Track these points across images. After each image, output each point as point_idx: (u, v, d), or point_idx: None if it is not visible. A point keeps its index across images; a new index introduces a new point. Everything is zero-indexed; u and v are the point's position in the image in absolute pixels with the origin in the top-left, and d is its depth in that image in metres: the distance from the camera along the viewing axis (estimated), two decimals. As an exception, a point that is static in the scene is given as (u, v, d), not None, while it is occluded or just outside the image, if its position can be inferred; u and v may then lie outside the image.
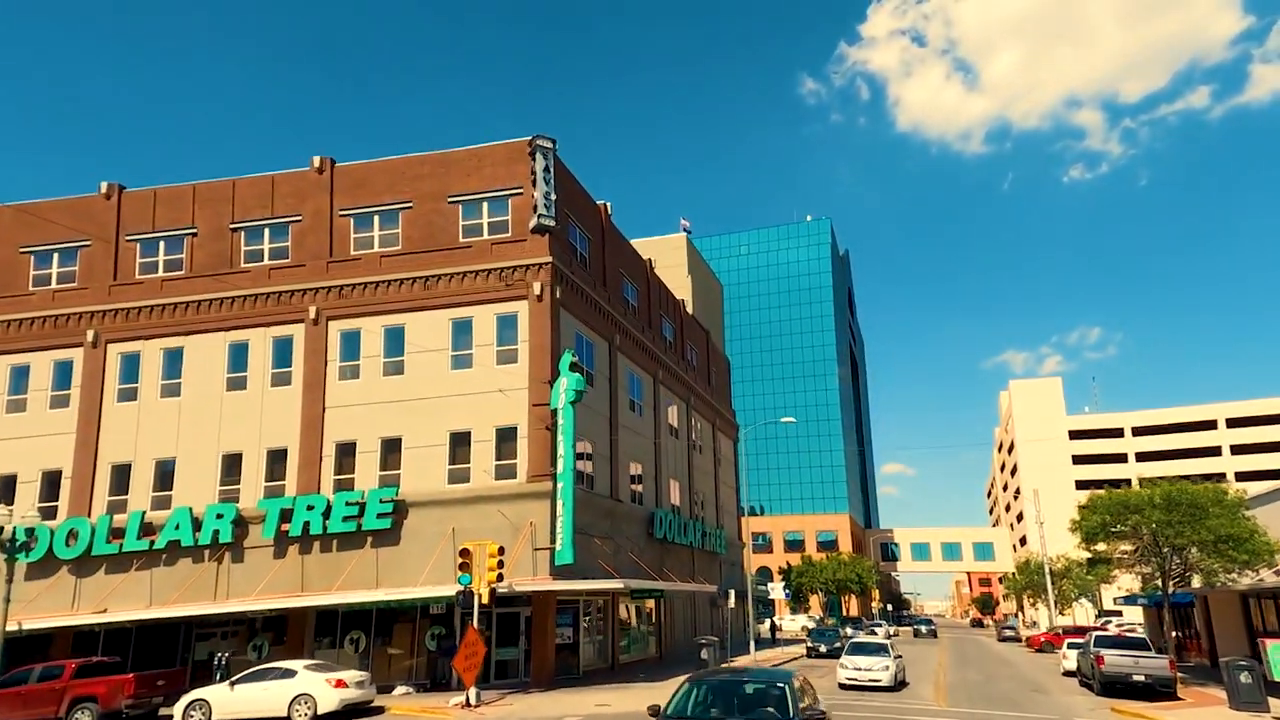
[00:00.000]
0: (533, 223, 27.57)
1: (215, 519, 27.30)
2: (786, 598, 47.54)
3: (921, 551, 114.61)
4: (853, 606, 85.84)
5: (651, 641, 34.95)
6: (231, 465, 28.50)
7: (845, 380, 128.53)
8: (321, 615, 27.29)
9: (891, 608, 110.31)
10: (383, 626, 27.07)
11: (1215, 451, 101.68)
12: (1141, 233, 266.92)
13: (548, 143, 27.84)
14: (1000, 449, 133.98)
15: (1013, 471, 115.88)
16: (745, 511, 41.93)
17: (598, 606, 29.71)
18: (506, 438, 26.99)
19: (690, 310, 48.89)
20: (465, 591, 22.54)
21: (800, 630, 60.42)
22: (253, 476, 28.23)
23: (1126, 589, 51.23)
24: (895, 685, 25.58)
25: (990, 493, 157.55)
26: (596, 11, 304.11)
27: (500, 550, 22.80)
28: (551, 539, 25.32)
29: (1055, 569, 61.90)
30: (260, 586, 26.53)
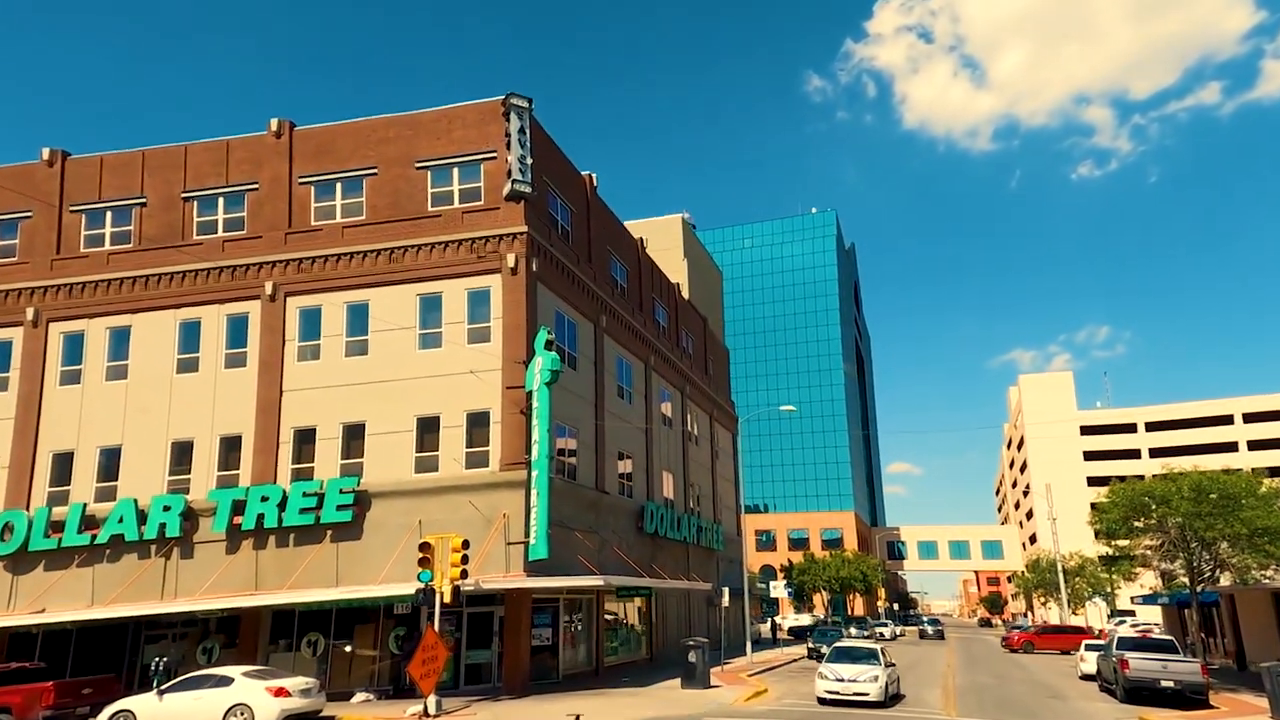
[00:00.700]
0: (506, 189, 25.25)
1: (162, 511, 25.08)
2: (789, 596, 45.18)
3: (929, 550, 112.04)
4: (858, 605, 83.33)
5: (642, 643, 32.62)
6: (182, 453, 26.27)
7: (851, 376, 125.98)
8: (278, 616, 25.04)
9: (898, 607, 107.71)
10: (343, 628, 24.79)
11: (1232, 447, 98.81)
12: (1151, 230, 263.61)
13: (523, 102, 25.51)
14: (1009, 445, 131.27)
15: (1022, 468, 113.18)
16: (743, 504, 39.55)
17: (580, 605, 27.40)
18: (478, 423, 24.70)
19: (686, 295, 46.53)
20: (426, 589, 20.25)
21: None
22: (204, 466, 25.99)
23: (1149, 587, 48.67)
24: (886, 699, 21.35)
25: (999, 490, 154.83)
26: (600, 6, 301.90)
27: (465, 544, 20.49)
28: (526, 532, 23.03)
29: (1068, 567, 59.35)
30: (209, 584, 24.29)
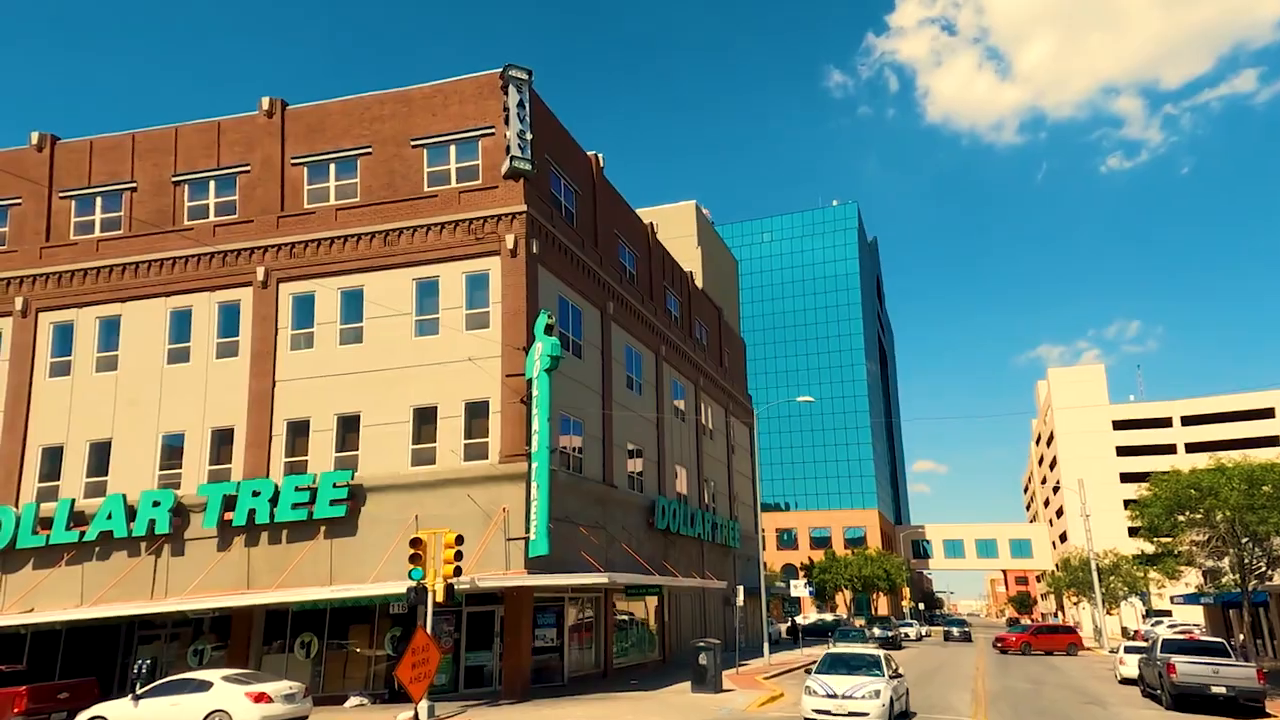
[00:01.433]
0: (505, 166, 23.93)
1: (151, 507, 24.10)
2: (810, 595, 43.58)
3: (955, 549, 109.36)
4: (882, 605, 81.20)
5: (654, 644, 31.19)
6: (172, 447, 25.29)
7: (874, 372, 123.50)
8: (271, 616, 23.96)
9: (923, 607, 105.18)
10: (338, 628, 23.64)
11: (1273, 441, 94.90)
12: (1184, 222, 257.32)
13: (522, 74, 24.16)
14: (1038, 441, 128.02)
15: (1052, 465, 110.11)
16: (759, 498, 37.99)
17: (587, 604, 26.05)
18: (477, 413, 23.43)
19: (700, 284, 44.99)
20: (418, 588, 18.98)
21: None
22: (195, 459, 24.97)
23: (1195, 586, 46.28)
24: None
25: (1027, 488, 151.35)
26: (619, 2, 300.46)
27: (459, 540, 19.19)
28: (526, 528, 21.70)
29: (1102, 565, 56.96)
30: (198, 582, 23.25)
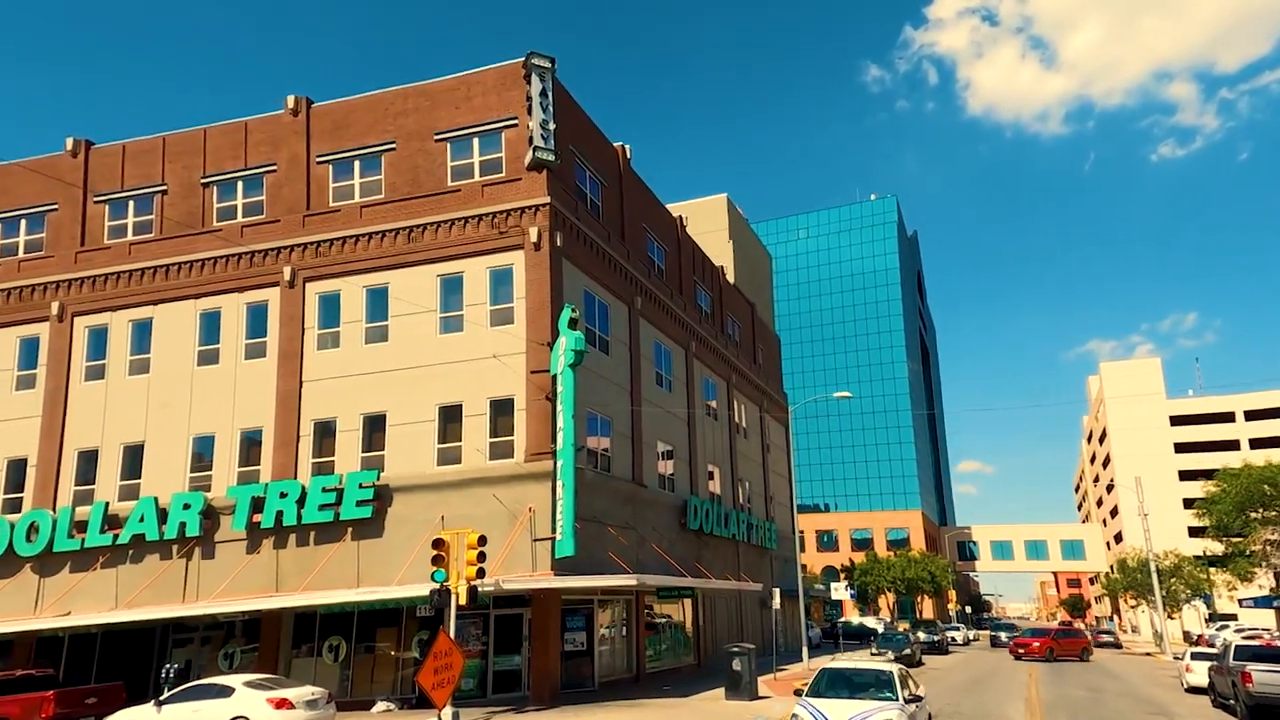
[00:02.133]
0: (528, 158, 23.41)
1: (182, 510, 24.09)
2: (852, 598, 42.26)
3: (1003, 550, 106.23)
4: (927, 608, 79.06)
5: (688, 647, 30.36)
6: (203, 449, 25.30)
7: (915, 370, 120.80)
8: (300, 619, 23.76)
9: (970, 610, 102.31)
10: (365, 631, 23.33)
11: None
12: (1242, 210, 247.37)
13: (545, 61, 23.62)
14: (1090, 439, 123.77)
15: (1105, 462, 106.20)
16: (794, 497, 36.91)
17: (618, 607, 25.37)
18: (502, 411, 22.93)
19: (732, 279, 44.04)
20: (441, 590, 18.48)
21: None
22: (225, 461, 24.93)
23: (1267, 588, 43.78)
24: None
25: (1078, 487, 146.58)
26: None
27: (481, 540, 18.64)
28: (552, 528, 21.11)
29: (1162, 566, 54.40)
30: (226, 585, 23.15)
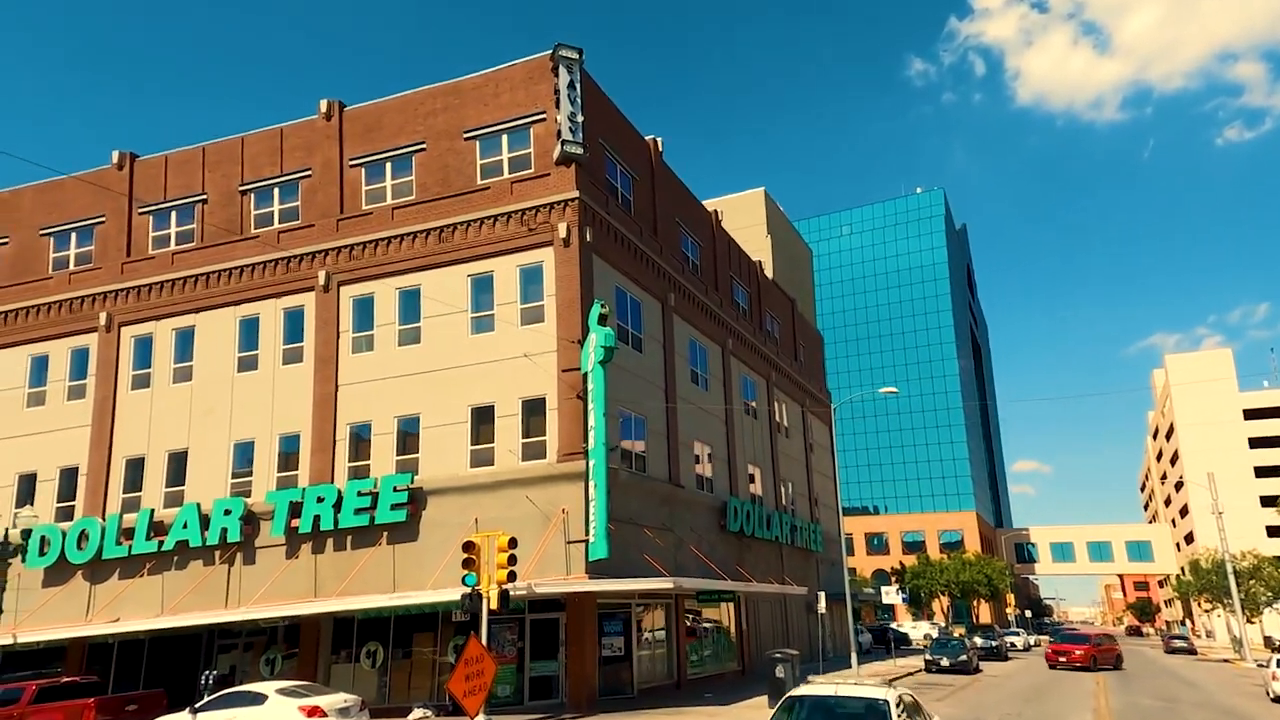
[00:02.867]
0: (556, 152, 23.02)
1: (223, 515, 24.28)
2: (904, 602, 40.81)
3: (1064, 552, 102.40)
4: (984, 612, 76.38)
5: (732, 653, 29.56)
6: (243, 454, 25.51)
7: (966, 367, 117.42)
8: (339, 624, 23.72)
9: (1030, 614, 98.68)
10: (402, 636, 23.16)
11: None
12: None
13: (572, 53, 23.21)
14: (1156, 435, 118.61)
15: (1173, 459, 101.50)
16: (839, 497, 35.78)
17: (657, 611, 24.75)
18: (534, 411, 22.55)
19: (770, 275, 43.07)
20: (471, 594, 18.11)
21: (922, 639, 53.15)
22: (264, 467, 25.09)
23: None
24: None
25: (1144, 486, 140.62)
26: None
27: (512, 543, 18.20)
28: (585, 529, 20.62)
29: (1239, 568, 51.40)
30: (265, 590, 23.23)
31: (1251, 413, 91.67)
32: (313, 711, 16.58)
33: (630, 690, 22.68)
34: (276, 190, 27.26)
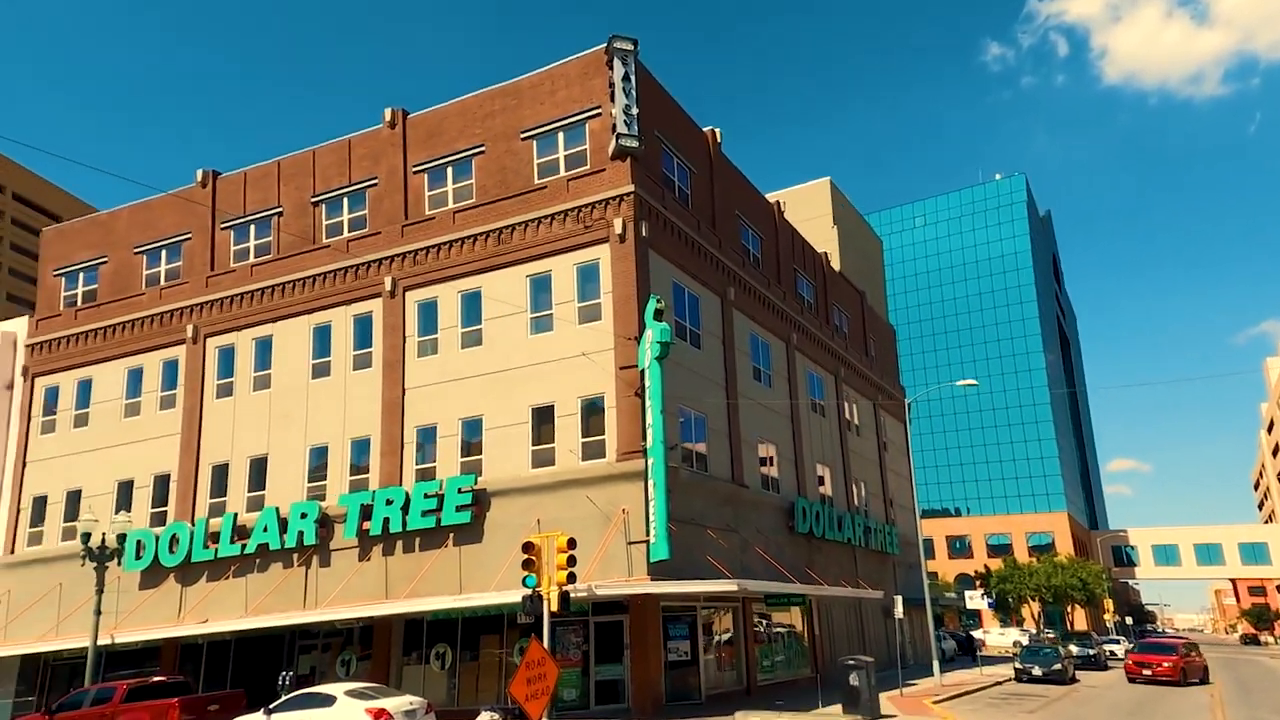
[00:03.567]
0: (611, 146, 22.86)
1: (300, 519, 25.04)
2: (990, 607, 38.90)
3: (1168, 555, 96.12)
4: (1079, 619, 72.26)
5: (804, 659, 28.69)
6: (318, 459, 26.31)
7: (1054, 361, 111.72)
8: (410, 625, 24.12)
9: (1131, 621, 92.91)
10: (469, 638, 23.35)
11: None
12: None
13: (627, 45, 22.97)
14: (1271, 429, 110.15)
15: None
16: (915, 497, 34.37)
17: (724, 615, 24.20)
18: (593, 410, 22.42)
19: (838, 267, 41.82)
20: (532, 596, 18.06)
21: (1011, 647, 50.61)
22: (337, 470, 25.79)
23: None
24: None
25: (1258, 483, 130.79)
26: None
27: (571, 544, 18.07)
28: (646, 530, 20.32)
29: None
30: (338, 592, 23.84)
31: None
32: (379, 714, 16.77)
33: (698, 696, 22.21)
34: (345, 200, 28.07)
